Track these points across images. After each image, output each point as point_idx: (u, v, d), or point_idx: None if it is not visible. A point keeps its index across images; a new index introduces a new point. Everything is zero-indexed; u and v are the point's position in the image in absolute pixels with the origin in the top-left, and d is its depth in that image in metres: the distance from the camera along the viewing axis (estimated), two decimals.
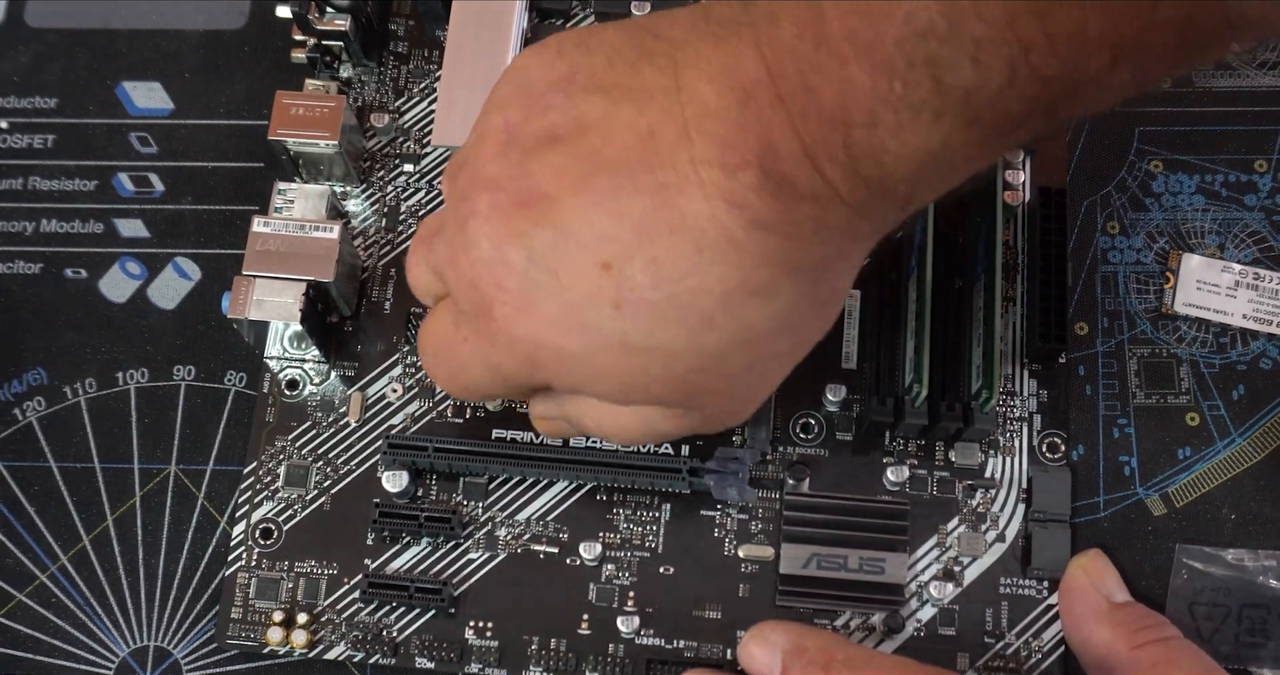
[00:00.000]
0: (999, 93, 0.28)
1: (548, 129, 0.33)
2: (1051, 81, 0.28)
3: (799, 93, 0.29)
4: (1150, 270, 0.47)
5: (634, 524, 0.45)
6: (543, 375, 0.36)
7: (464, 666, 0.43)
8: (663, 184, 0.31)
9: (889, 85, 0.28)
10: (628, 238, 0.32)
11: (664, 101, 0.31)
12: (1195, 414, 0.46)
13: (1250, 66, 0.49)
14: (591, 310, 0.33)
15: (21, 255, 0.50)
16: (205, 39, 0.52)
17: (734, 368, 0.35)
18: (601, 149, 0.32)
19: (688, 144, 0.31)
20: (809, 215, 0.31)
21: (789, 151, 0.30)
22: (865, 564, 0.43)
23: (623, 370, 0.34)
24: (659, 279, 0.32)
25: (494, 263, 0.33)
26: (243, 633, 0.44)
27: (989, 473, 0.45)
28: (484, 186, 0.34)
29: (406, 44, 0.51)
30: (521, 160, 0.33)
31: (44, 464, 0.47)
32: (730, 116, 0.30)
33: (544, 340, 0.34)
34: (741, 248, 0.31)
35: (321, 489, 0.45)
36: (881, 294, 0.45)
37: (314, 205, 0.45)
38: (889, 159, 0.30)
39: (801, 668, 0.38)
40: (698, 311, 0.32)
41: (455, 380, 0.38)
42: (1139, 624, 0.41)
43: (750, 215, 0.31)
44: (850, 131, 0.29)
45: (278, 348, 0.47)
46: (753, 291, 0.32)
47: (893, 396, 0.44)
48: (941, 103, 0.28)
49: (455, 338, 0.37)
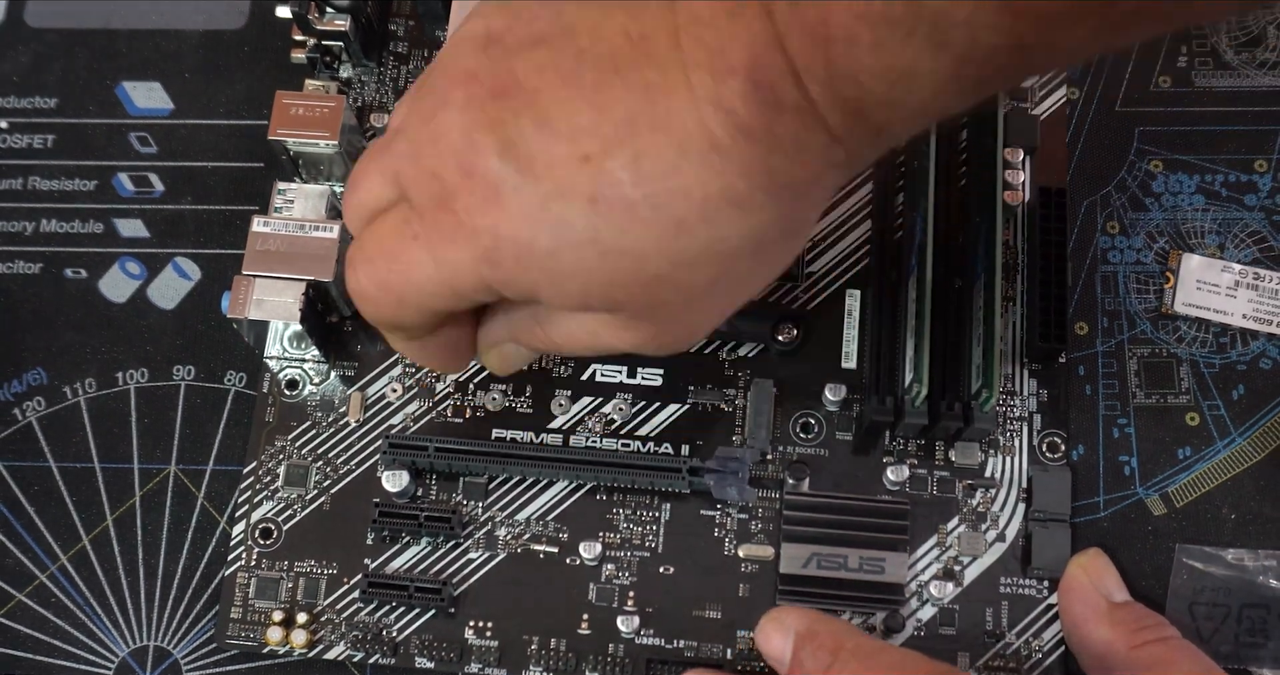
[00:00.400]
0: (969, 16, 0.28)
1: (533, 33, 0.32)
2: (1020, 14, 0.28)
3: (784, 6, 0.29)
4: (1150, 270, 0.47)
5: (634, 524, 0.45)
6: (499, 275, 0.33)
7: (464, 666, 0.43)
8: (650, 83, 0.31)
9: (865, 1, 0.28)
10: (610, 132, 0.31)
11: (656, 8, 0.31)
12: (1195, 414, 0.46)
13: (1250, 66, 0.49)
14: (565, 204, 0.31)
15: (21, 255, 0.50)
16: (205, 39, 0.52)
17: (699, 280, 0.34)
18: (590, 48, 0.31)
19: (677, 49, 0.30)
20: (790, 131, 0.31)
21: (774, 64, 0.30)
22: (865, 563, 0.43)
23: (589, 269, 0.33)
24: (639, 176, 0.31)
25: (463, 150, 0.32)
26: (242, 633, 0.44)
27: (989, 472, 0.45)
28: (459, 80, 0.32)
29: (406, 44, 0.51)
30: (502, 57, 0.32)
31: (44, 464, 0.47)
32: (720, 25, 0.30)
33: (510, 233, 0.32)
34: (725, 154, 0.31)
35: (321, 489, 0.45)
36: (881, 294, 0.45)
37: (314, 205, 0.45)
38: (865, 78, 0.30)
39: (811, 652, 0.38)
40: (674, 215, 0.32)
41: (394, 286, 0.35)
42: (1138, 624, 0.41)
43: (736, 121, 0.30)
44: (830, 47, 0.29)
45: (277, 347, 0.47)
46: (730, 201, 0.32)
47: (893, 396, 0.44)
48: (913, 22, 0.28)
49: (403, 234, 0.34)
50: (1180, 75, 0.49)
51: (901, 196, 0.46)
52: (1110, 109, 0.49)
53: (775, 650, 0.39)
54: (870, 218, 0.47)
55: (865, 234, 0.47)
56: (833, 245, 0.47)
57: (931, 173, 0.45)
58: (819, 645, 0.38)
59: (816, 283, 0.47)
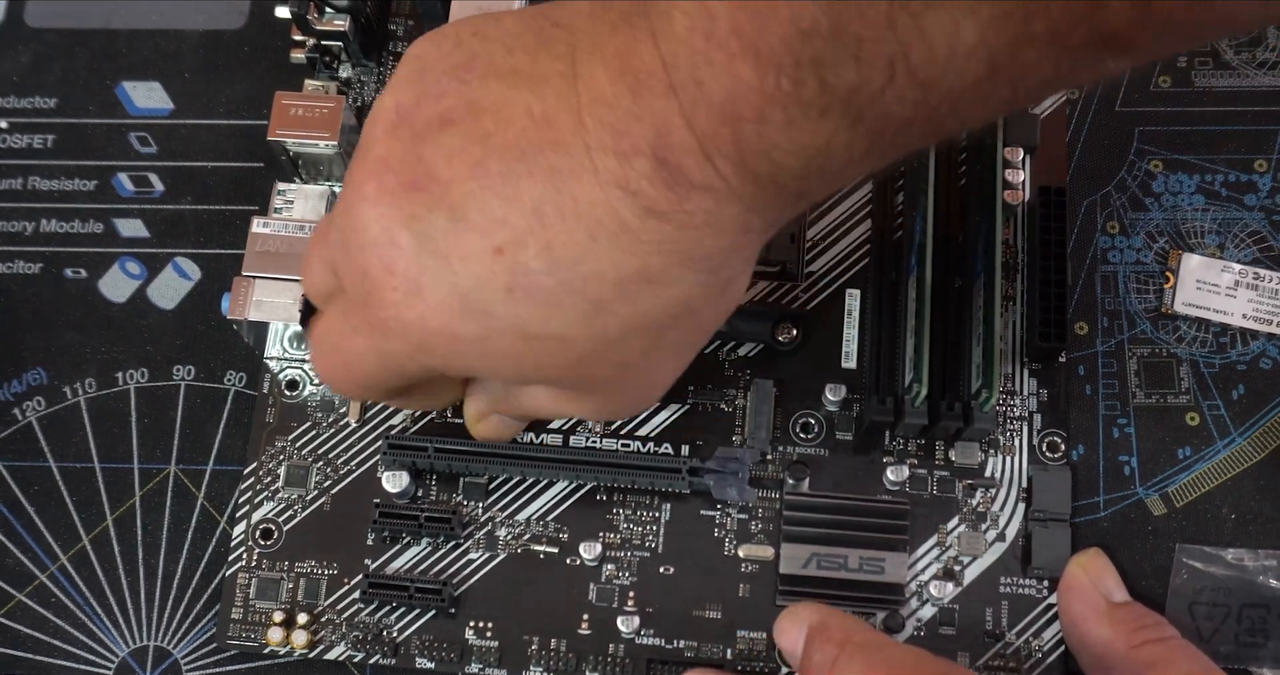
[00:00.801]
0: (880, 92, 0.29)
1: (441, 113, 0.32)
2: (930, 87, 0.29)
3: (690, 84, 0.29)
4: (1150, 270, 0.47)
5: (634, 524, 0.45)
6: (436, 361, 0.35)
7: (464, 666, 0.43)
8: (556, 168, 0.31)
9: (776, 82, 0.28)
10: (521, 222, 0.31)
11: (559, 86, 0.31)
12: (1195, 414, 0.46)
13: (1250, 66, 0.49)
14: (484, 295, 0.32)
15: (21, 255, 0.50)
16: (205, 39, 0.52)
17: (630, 354, 0.34)
18: (495, 132, 0.32)
19: (582, 130, 0.31)
20: (701, 206, 0.31)
21: (681, 142, 0.30)
22: (865, 563, 0.43)
23: (517, 354, 0.34)
24: (552, 264, 0.32)
25: (383, 246, 0.33)
26: (243, 633, 0.44)
27: (989, 472, 0.45)
28: (373, 169, 0.33)
29: (406, 44, 0.51)
30: (412, 142, 0.33)
31: (44, 464, 0.47)
32: (623, 104, 0.30)
33: (436, 326, 0.33)
34: (635, 235, 0.31)
35: (322, 489, 0.45)
36: (881, 293, 0.45)
37: (314, 206, 0.45)
38: (778, 155, 0.30)
39: (819, 645, 0.38)
40: (592, 298, 0.32)
41: (348, 376, 0.38)
42: (1138, 623, 0.41)
43: (644, 202, 0.31)
44: (740, 126, 0.29)
45: (278, 348, 0.47)
46: (647, 279, 0.32)
47: (892, 396, 0.44)
48: (826, 101, 0.29)
49: (345, 330, 0.36)
50: (1180, 75, 0.49)
51: (901, 196, 0.46)
52: (1110, 109, 0.49)
53: (790, 643, 0.40)
54: (870, 217, 0.47)
55: (865, 233, 0.47)
56: (832, 245, 0.47)
57: (931, 172, 0.45)
58: (827, 638, 0.38)
59: (816, 282, 0.47)
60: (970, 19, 0.27)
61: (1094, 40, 0.28)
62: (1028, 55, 0.28)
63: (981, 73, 0.28)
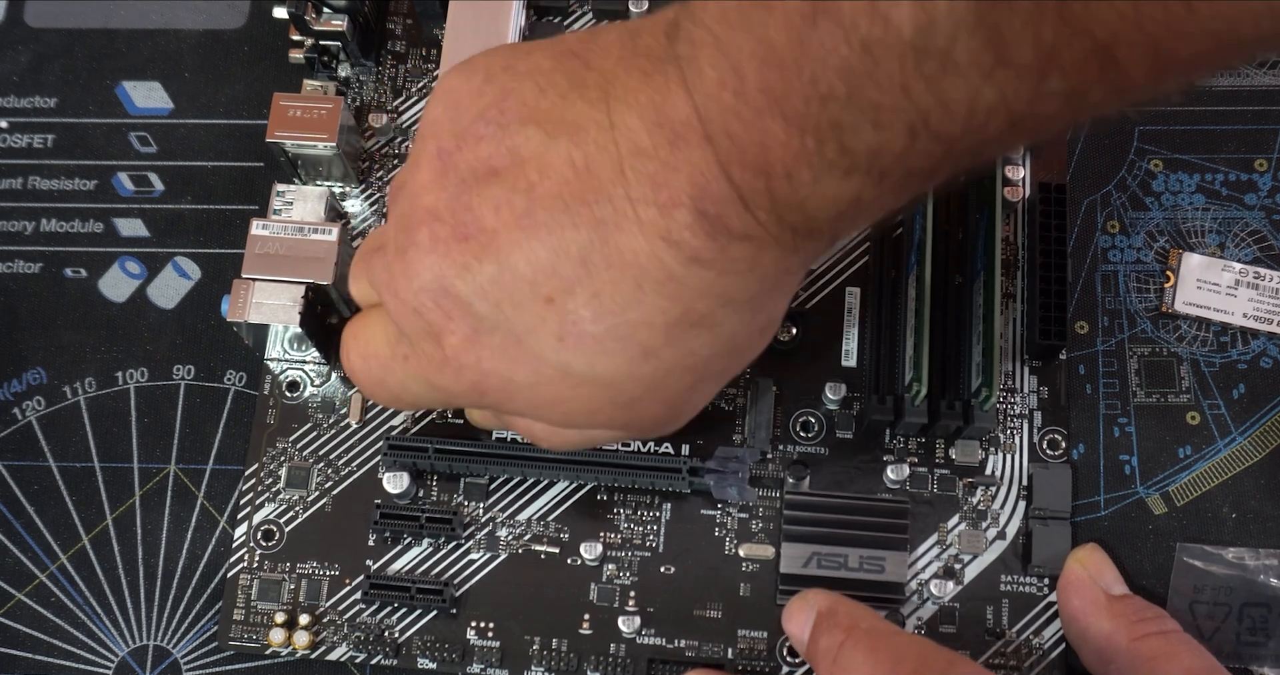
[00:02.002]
0: (903, 153, 0.29)
1: (484, 160, 0.33)
2: (952, 143, 0.29)
3: (723, 136, 0.30)
4: (1150, 269, 0.47)
5: (634, 524, 0.45)
6: (489, 402, 0.36)
7: (466, 667, 0.43)
8: (601, 219, 0.32)
9: (801, 141, 0.29)
10: (569, 272, 0.32)
11: (598, 136, 0.32)
12: (1196, 413, 0.46)
13: (1250, 66, 0.49)
14: (536, 342, 0.33)
15: (21, 255, 0.50)
16: (205, 39, 0.52)
17: (675, 391, 0.36)
18: (539, 183, 0.32)
19: (623, 181, 0.31)
20: (743, 254, 0.32)
21: (720, 193, 0.31)
22: (866, 562, 0.43)
23: (567, 399, 0.35)
24: (600, 313, 0.32)
25: (438, 293, 0.34)
26: (245, 634, 0.44)
27: (989, 470, 0.45)
28: (423, 218, 0.34)
29: (404, 43, 0.51)
30: (459, 192, 0.33)
31: (44, 463, 0.47)
32: (661, 156, 0.31)
33: (492, 369, 0.34)
34: (680, 282, 0.32)
35: (323, 490, 0.45)
36: (881, 292, 0.45)
37: (313, 207, 0.45)
38: (810, 207, 0.31)
39: (826, 630, 0.39)
40: (639, 343, 0.33)
41: (386, 390, 0.39)
42: (1138, 616, 0.41)
43: (688, 253, 0.31)
44: (771, 181, 0.30)
45: (278, 350, 0.47)
46: (692, 323, 0.33)
47: (893, 394, 0.44)
48: (849, 162, 0.29)
49: (392, 353, 0.37)
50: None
51: None
52: None
53: (797, 629, 0.40)
54: None
55: (864, 231, 0.47)
56: None
57: None
58: (835, 623, 0.38)
59: (816, 281, 0.47)
60: (988, 84, 0.27)
61: (1112, 96, 0.28)
62: (1048, 107, 0.28)
63: (1003, 126, 0.29)
